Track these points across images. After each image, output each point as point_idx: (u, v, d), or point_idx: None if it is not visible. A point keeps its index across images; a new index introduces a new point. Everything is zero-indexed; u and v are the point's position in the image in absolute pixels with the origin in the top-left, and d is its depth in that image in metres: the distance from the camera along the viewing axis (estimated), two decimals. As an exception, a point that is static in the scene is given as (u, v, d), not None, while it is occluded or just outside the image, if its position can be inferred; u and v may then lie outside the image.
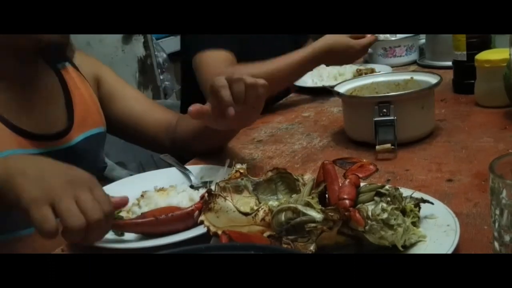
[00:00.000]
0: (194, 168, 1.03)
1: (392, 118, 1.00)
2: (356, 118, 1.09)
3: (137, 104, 1.18)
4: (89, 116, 1.08)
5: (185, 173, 1.01)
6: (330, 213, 0.63)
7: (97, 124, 1.11)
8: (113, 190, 0.98)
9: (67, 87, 1.06)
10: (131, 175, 1.70)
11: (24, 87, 0.98)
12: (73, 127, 1.04)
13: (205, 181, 0.96)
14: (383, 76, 1.21)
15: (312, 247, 0.63)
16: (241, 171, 0.79)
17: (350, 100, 1.12)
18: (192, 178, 0.98)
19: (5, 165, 0.70)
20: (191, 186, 0.95)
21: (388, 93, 1.14)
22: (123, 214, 0.85)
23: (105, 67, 1.19)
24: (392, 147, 0.98)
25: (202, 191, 0.87)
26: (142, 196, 0.90)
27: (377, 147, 0.99)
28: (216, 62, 1.37)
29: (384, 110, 1.00)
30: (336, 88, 1.14)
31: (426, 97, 1.06)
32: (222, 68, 1.32)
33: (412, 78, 1.15)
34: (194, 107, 0.85)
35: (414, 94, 1.05)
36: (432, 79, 1.09)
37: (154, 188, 0.92)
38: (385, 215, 0.62)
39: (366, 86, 1.18)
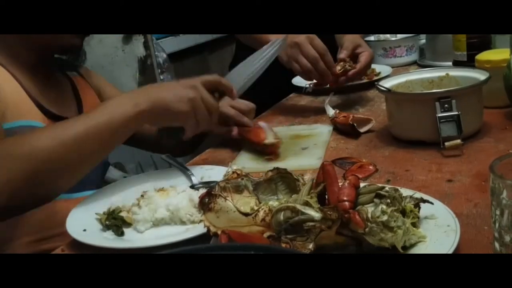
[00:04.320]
0: (194, 168, 1.03)
1: (457, 113, 0.98)
2: (411, 116, 1.05)
3: None
4: None
5: (186, 173, 1.01)
6: (328, 212, 0.63)
7: None
8: (114, 189, 0.98)
9: (78, 92, 1.14)
10: (125, 177, 1.70)
11: (48, 79, 1.07)
12: None
13: (206, 182, 0.96)
14: (416, 74, 1.19)
15: (311, 246, 0.63)
16: (238, 172, 0.80)
17: (404, 97, 1.09)
18: (193, 178, 0.98)
19: (148, 95, 0.92)
20: (192, 186, 0.94)
21: (422, 90, 1.13)
22: (123, 214, 0.85)
23: (103, 79, 1.28)
24: (462, 142, 0.97)
25: (203, 191, 0.86)
26: (142, 196, 0.90)
27: (446, 143, 0.97)
28: None
29: (446, 105, 0.98)
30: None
31: (480, 90, 1.05)
32: None
33: (447, 74, 1.13)
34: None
35: (476, 88, 1.03)
36: (470, 74, 1.09)
37: (154, 189, 0.92)
38: (385, 218, 0.62)
39: (401, 84, 1.15)
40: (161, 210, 0.84)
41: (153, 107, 0.90)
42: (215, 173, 0.98)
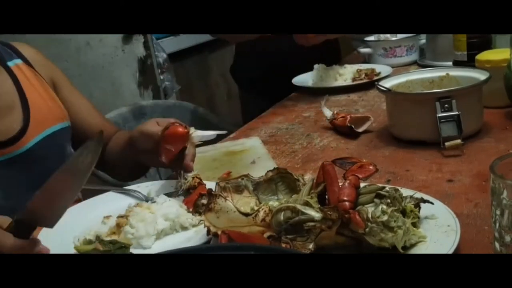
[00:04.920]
0: (134, 188, 0.97)
1: (457, 113, 0.98)
2: (412, 116, 1.04)
3: (87, 112, 1.16)
4: (48, 113, 1.05)
5: (130, 193, 0.95)
6: (329, 212, 0.63)
7: (59, 119, 1.07)
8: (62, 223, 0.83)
9: (20, 85, 1.03)
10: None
11: None
12: (29, 128, 1.01)
13: (165, 194, 0.92)
14: (417, 74, 1.19)
15: (311, 246, 0.63)
16: (198, 176, 0.83)
17: (404, 97, 1.09)
18: (140, 196, 0.94)
19: None
20: (147, 200, 0.92)
21: (422, 90, 1.13)
22: (115, 236, 0.81)
23: (61, 73, 1.16)
24: (462, 142, 0.97)
25: (180, 199, 0.86)
26: (124, 217, 0.84)
27: (446, 143, 0.96)
28: None
29: (446, 105, 0.98)
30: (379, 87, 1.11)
31: (480, 90, 1.05)
32: None
33: (448, 74, 1.13)
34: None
35: (476, 88, 1.03)
36: (470, 73, 1.09)
37: (129, 206, 0.87)
38: (385, 218, 0.62)
39: (401, 84, 1.15)
40: (160, 221, 0.81)
41: None
42: (158, 187, 0.95)
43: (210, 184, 0.88)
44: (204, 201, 0.79)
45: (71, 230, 0.84)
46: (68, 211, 0.84)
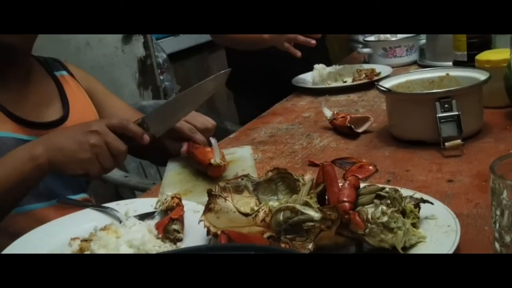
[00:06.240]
0: (112, 206, 0.92)
1: (457, 113, 0.98)
2: (411, 116, 1.04)
3: (124, 113, 1.22)
4: (84, 112, 1.13)
5: (107, 211, 0.90)
6: (328, 212, 0.63)
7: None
8: (28, 244, 0.83)
9: (64, 91, 1.12)
10: (126, 177, 1.69)
11: (21, 83, 1.04)
12: (69, 118, 1.08)
13: (143, 214, 0.87)
14: (417, 74, 1.19)
15: (310, 246, 0.63)
16: (178, 196, 0.82)
17: (404, 98, 1.09)
18: (118, 215, 0.88)
19: (46, 146, 0.88)
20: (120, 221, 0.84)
21: (422, 90, 1.13)
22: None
23: (93, 79, 1.24)
24: (462, 142, 0.97)
25: (154, 221, 0.81)
26: (87, 241, 0.77)
27: (446, 143, 0.97)
28: None
29: (446, 105, 0.98)
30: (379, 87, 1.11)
31: (480, 90, 1.05)
32: None
33: (447, 74, 1.13)
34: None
35: (476, 88, 1.03)
36: (470, 74, 1.09)
37: (95, 229, 0.79)
38: (385, 218, 0.62)
39: (401, 84, 1.15)
40: (123, 248, 0.72)
41: (51, 158, 0.86)
42: (138, 205, 0.90)
43: (191, 205, 0.84)
44: (176, 226, 0.76)
45: (41, 249, 0.81)
46: (41, 228, 0.87)
